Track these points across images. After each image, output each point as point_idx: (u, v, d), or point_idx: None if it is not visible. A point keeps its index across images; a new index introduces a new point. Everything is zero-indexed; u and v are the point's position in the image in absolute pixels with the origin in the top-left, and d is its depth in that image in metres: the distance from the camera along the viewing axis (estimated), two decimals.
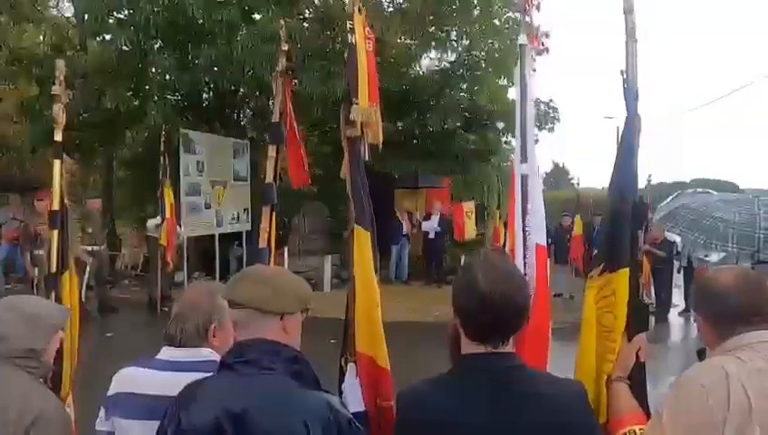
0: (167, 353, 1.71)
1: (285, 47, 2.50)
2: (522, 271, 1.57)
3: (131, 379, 1.68)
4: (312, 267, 11.46)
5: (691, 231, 4.52)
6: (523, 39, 1.81)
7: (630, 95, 1.65)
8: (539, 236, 1.80)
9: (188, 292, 1.82)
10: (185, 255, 9.48)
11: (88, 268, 7.80)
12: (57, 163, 2.32)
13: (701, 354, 2.21)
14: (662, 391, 1.62)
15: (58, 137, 2.31)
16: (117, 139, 10.92)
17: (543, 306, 1.76)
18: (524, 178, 1.80)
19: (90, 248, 7.83)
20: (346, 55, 2.07)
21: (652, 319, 9.69)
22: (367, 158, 2.05)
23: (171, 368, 1.65)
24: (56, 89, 2.23)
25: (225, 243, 11.18)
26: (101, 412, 1.70)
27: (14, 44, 9.35)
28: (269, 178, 2.39)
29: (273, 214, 2.38)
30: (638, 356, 1.64)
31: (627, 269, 1.64)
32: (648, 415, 1.54)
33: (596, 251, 1.79)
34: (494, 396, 1.25)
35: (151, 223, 8.44)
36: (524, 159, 1.80)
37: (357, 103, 1.98)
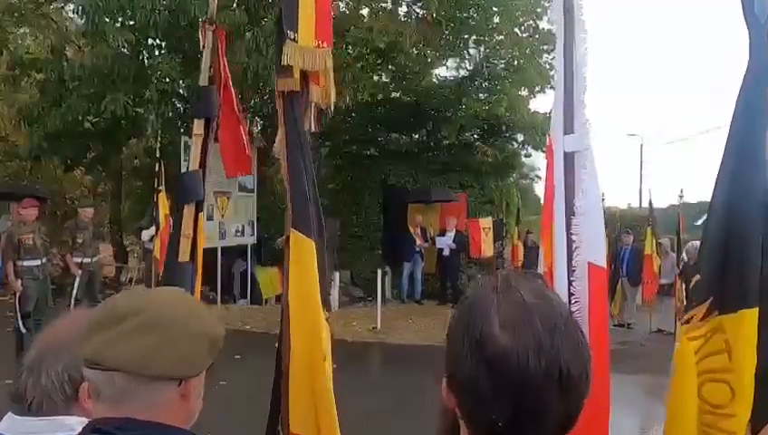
0: (8, 425, 1.11)
1: None
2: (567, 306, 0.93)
3: None
4: None
5: None
6: None
7: (758, 34, 1.01)
8: (592, 251, 1.12)
9: (54, 326, 1.21)
10: None
11: (77, 281, 7.32)
12: None
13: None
14: None
15: None
16: (120, 147, 10.57)
17: (602, 371, 1.09)
18: (569, 159, 1.15)
19: (79, 260, 7.36)
20: None
21: None
22: (313, 128, 1.39)
23: None
24: None
25: (230, 256, 10.72)
26: None
27: (17, 49, 9.10)
28: (193, 164, 1.74)
29: (201, 215, 1.71)
30: None
31: (755, 310, 0.98)
32: None
33: (697, 275, 1.12)
34: None
35: (146, 234, 7.97)
36: (570, 129, 1.15)
37: (294, 39, 1.34)
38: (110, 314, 0.90)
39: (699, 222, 14.78)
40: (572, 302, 1.11)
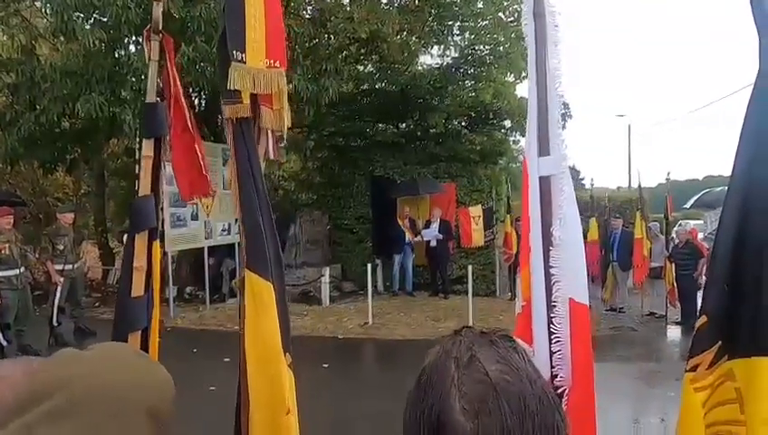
0: None
1: None
2: (546, 355, 0.83)
3: None
4: (309, 280, 10.79)
5: None
6: None
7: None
8: (573, 286, 1.02)
9: None
10: (169, 269, 8.83)
11: (59, 289, 7.16)
12: None
13: None
14: None
15: None
16: (98, 148, 10.33)
17: (588, 416, 1.00)
18: (545, 182, 1.04)
19: (61, 268, 7.18)
20: None
21: (677, 330, 8.90)
22: (272, 156, 1.27)
23: None
24: None
25: (218, 255, 10.58)
26: None
27: None
28: (144, 189, 1.59)
29: (156, 244, 1.58)
30: None
31: None
32: None
33: (703, 317, 1.01)
34: None
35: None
36: (545, 150, 1.05)
37: (242, 60, 1.21)
38: (30, 391, 0.78)
39: (688, 204, 14.83)
40: (553, 341, 1.02)
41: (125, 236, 7.59)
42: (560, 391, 1.00)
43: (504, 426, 0.58)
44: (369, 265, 9.14)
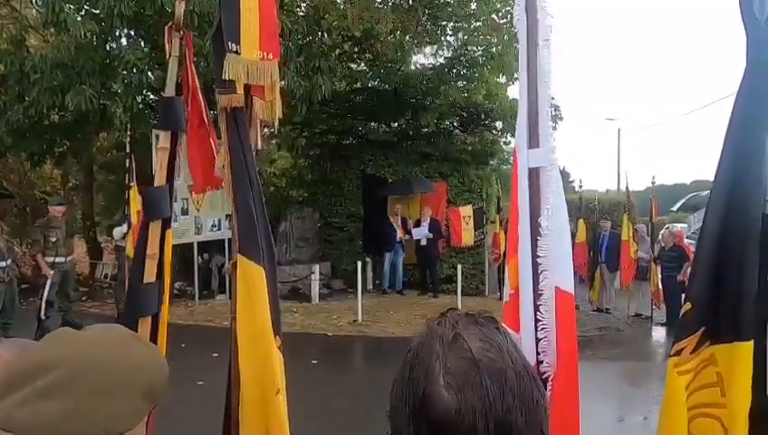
0: None
1: None
2: (532, 342, 0.86)
3: None
4: (299, 277, 10.78)
5: None
6: None
7: (756, 33, 0.93)
8: (559, 275, 1.05)
9: None
10: None
11: (48, 282, 7.09)
12: None
13: None
14: None
15: None
16: (87, 142, 10.23)
17: (571, 403, 1.03)
18: (534, 174, 1.08)
19: (53, 260, 7.11)
20: None
21: (662, 331, 9.03)
22: (260, 146, 1.30)
23: None
24: None
25: (208, 251, 10.55)
26: None
27: None
28: (160, 179, 1.61)
29: (169, 233, 1.59)
30: None
31: (750, 344, 0.92)
32: None
33: (688, 304, 1.05)
34: None
35: (117, 231, 7.75)
36: (535, 142, 1.08)
37: (236, 52, 1.24)
38: (25, 368, 0.80)
39: (675, 207, 15.07)
40: (539, 328, 1.05)
41: (114, 230, 7.53)
42: (545, 376, 1.04)
43: (486, 399, 0.60)
44: (359, 263, 9.16)
